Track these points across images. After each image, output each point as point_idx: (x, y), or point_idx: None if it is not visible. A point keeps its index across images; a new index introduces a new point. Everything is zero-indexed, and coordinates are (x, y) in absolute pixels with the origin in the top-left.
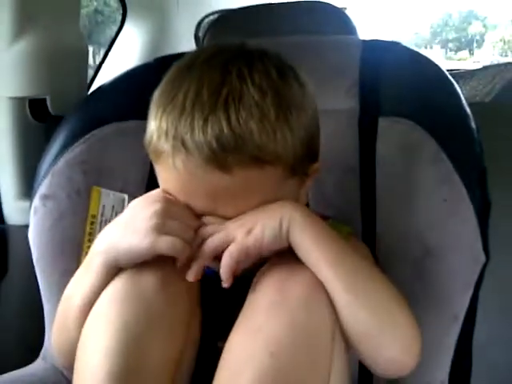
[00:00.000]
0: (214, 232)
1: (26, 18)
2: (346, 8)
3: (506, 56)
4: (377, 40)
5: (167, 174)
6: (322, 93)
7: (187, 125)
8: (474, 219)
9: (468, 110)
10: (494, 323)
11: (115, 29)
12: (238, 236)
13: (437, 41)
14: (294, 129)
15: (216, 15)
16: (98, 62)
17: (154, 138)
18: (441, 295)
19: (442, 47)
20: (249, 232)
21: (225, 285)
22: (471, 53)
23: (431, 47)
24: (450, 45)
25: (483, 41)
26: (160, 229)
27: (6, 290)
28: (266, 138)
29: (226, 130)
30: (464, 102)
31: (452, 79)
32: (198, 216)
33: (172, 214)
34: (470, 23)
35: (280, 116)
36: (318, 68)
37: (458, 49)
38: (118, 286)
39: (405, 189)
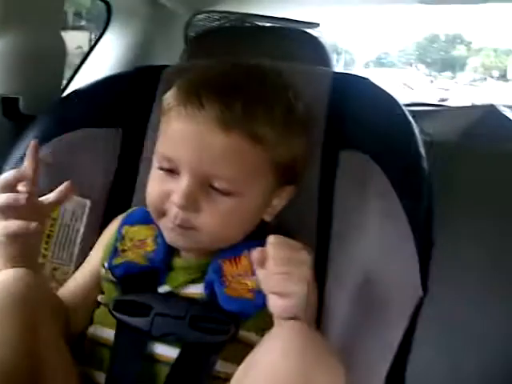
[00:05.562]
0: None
1: (3, 18)
2: (318, 25)
3: (485, 80)
4: (347, 74)
5: (171, 125)
6: None
7: (210, 92)
8: (415, 256)
9: (422, 150)
10: (431, 352)
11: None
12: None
13: (421, 60)
14: (292, 138)
15: (204, 15)
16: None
17: (180, 94)
18: (377, 323)
19: (426, 67)
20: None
21: None
22: (454, 75)
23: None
24: (434, 65)
25: (466, 64)
26: None
27: None
28: (268, 124)
29: (240, 102)
30: (419, 142)
31: (411, 119)
32: None
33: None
34: (454, 47)
35: (285, 123)
36: None
37: (442, 70)
38: None
39: (358, 219)
